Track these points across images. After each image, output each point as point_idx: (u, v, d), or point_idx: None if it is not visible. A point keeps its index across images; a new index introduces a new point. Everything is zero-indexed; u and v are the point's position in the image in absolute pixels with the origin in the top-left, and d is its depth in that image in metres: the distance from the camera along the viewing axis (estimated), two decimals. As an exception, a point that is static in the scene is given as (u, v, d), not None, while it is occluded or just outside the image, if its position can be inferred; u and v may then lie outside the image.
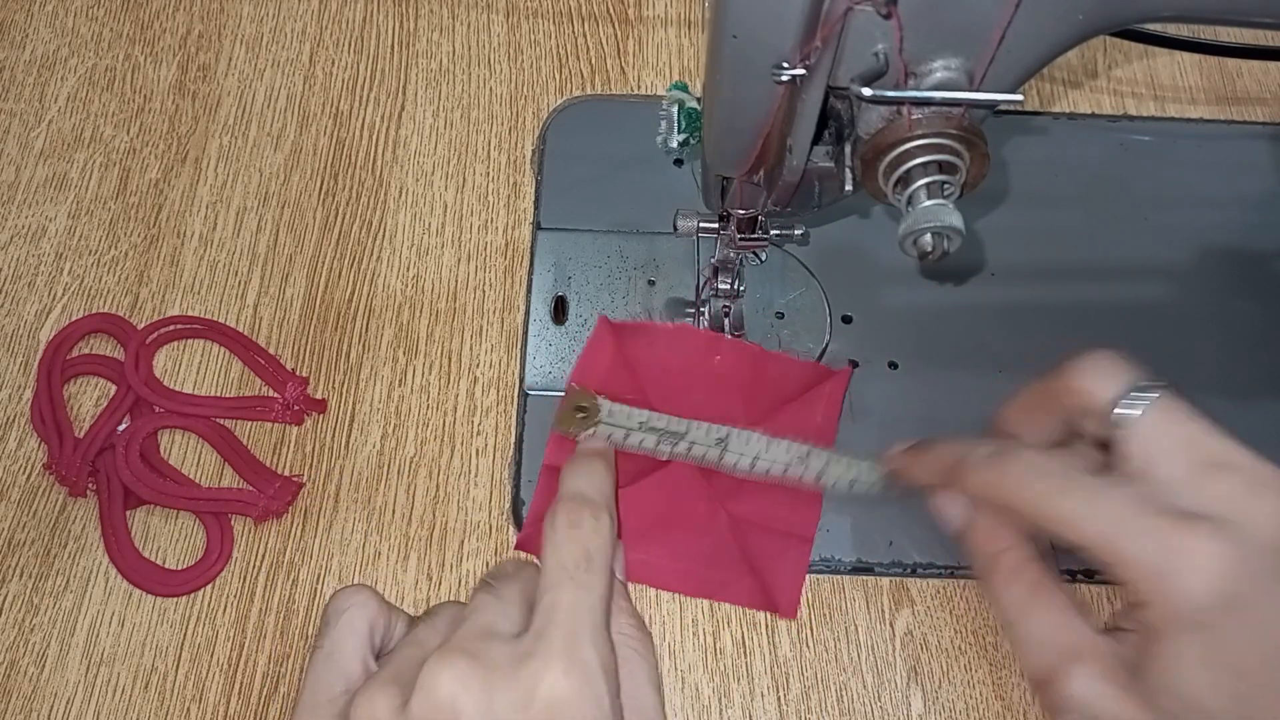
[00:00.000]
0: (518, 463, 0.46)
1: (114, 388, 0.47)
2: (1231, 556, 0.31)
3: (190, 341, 0.49)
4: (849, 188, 0.36)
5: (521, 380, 0.48)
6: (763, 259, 0.46)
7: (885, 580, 0.45)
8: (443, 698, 0.32)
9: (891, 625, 0.44)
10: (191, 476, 0.46)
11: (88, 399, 0.48)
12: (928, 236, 0.32)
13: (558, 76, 0.56)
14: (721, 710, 0.42)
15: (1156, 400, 0.34)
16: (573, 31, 0.58)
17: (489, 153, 0.54)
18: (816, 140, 0.34)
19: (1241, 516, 0.32)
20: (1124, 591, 0.33)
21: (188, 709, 0.42)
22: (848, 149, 0.35)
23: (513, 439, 0.47)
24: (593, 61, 0.57)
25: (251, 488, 0.45)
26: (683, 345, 0.46)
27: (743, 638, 0.43)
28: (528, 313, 0.49)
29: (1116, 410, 0.34)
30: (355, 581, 0.44)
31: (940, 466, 0.39)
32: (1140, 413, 0.34)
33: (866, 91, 0.30)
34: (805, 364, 0.47)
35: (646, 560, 0.44)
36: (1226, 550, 0.31)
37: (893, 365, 0.48)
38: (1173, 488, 0.33)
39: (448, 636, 0.35)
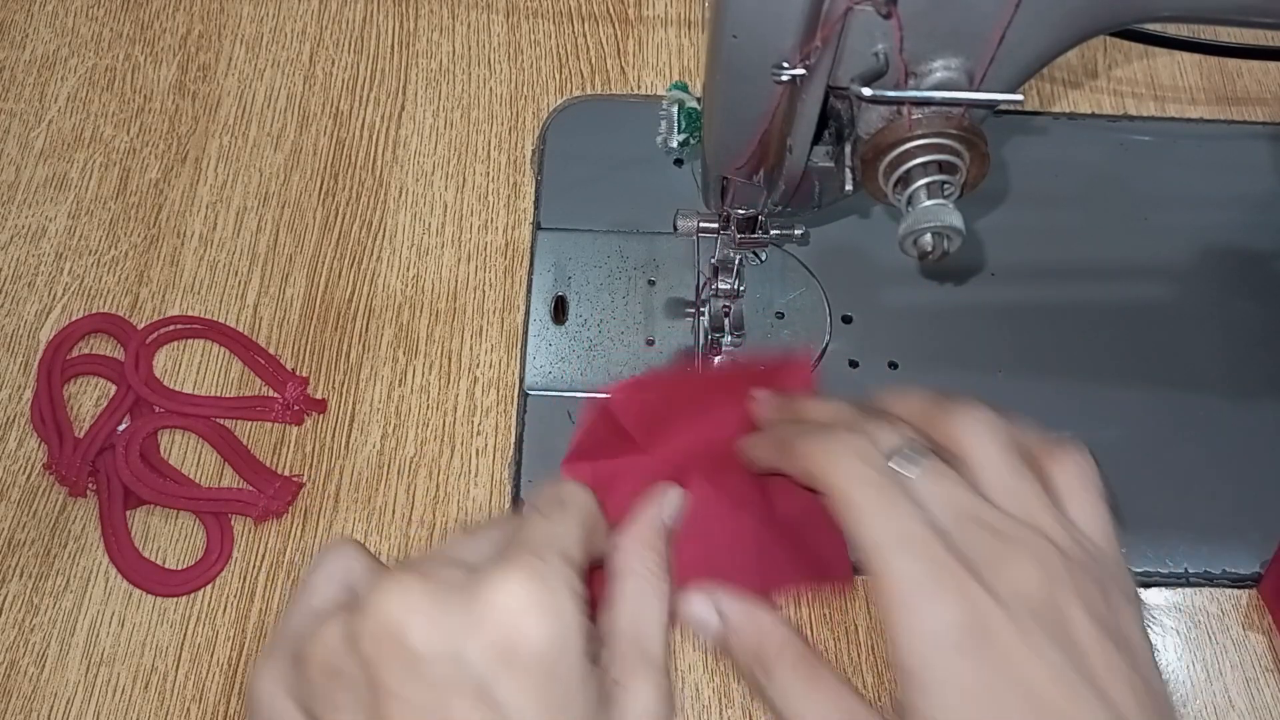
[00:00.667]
0: (518, 463, 0.46)
1: (114, 388, 0.47)
2: (981, 598, 0.31)
3: (190, 341, 0.49)
4: (849, 188, 0.36)
5: (521, 380, 0.48)
6: (763, 259, 0.46)
7: (885, 580, 0.44)
8: (387, 618, 0.29)
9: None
10: (191, 476, 0.46)
11: (88, 399, 0.48)
12: (928, 236, 0.32)
13: (558, 76, 0.56)
14: (721, 710, 0.42)
15: (912, 457, 0.33)
16: (573, 31, 0.58)
17: (489, 153, 0.54)
18: (816, 140, 0.34)
19: (989, 568, 0.31)
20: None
21: (188, 709, 0.42)
22: (848, 149, 0.35)
23: (513, 439, 0.47)
24: (593, 61, 0.57)
25: (251, 488, 0.45)
26: (679, 392, 0.45)
27: (743, 638, 0.43)
28: (528, 313, 0.49)
29: (891, 464, 0.33)
30: (355, 581, 0.44)
31: (770, 445, 0.38)
32: (913, 477, 0.33)
33: (866, 91, 0.30)
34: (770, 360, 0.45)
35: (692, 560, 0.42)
36: (971, 601, 0.30)
37: (893, 365, 0.48)
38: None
39: None
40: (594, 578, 0.38)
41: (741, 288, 0.46)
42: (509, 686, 0.30)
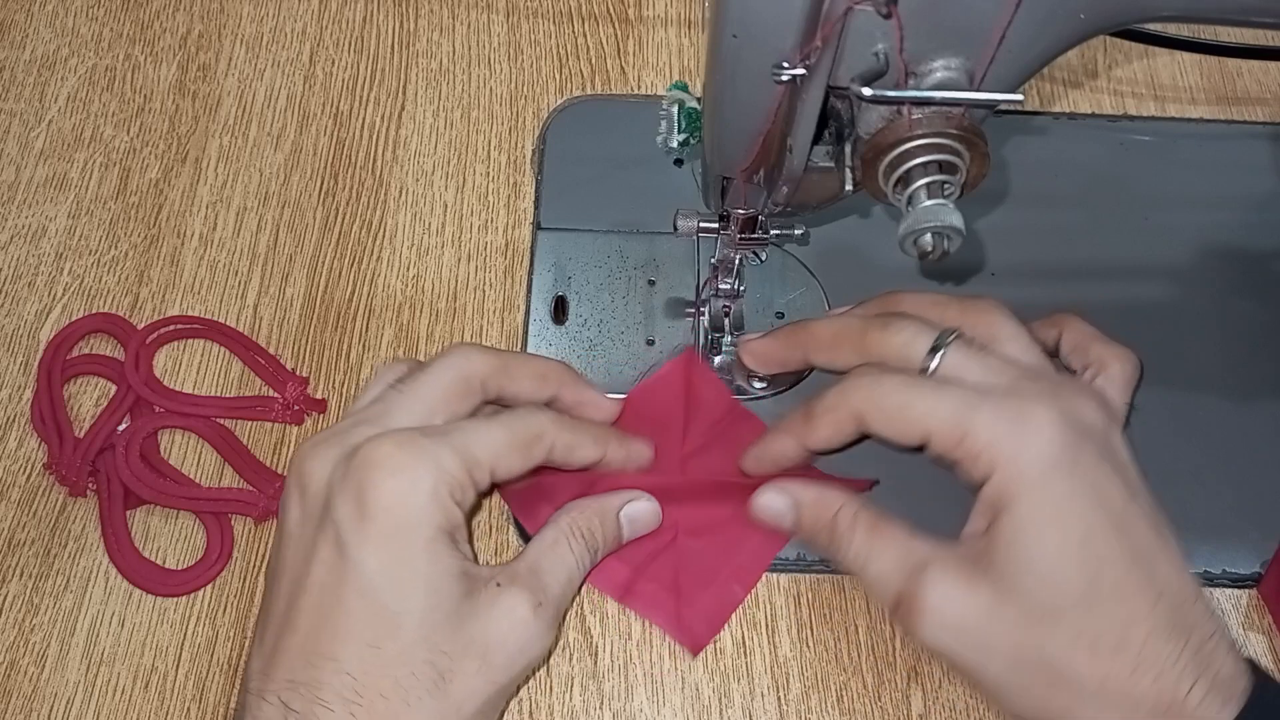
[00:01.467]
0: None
1: (114, 388, 0.47)
2: (1066, 426, 0.35)
3: (190, 341, 0.49)
4: (849, 188, 0.36)
5: (521, 380, 0.48)
6: (763, 259, 0.46)
7: (885, 580, 0.45)
8: (298, 466, 0.37)
9: (891, 625, 0.44)
10: (191, 476, 0.46)
11: (88, 399, 0.48)
12: (928, 236, 0.32)
13: (558, 76, 0.56)
14: (721, 710, 0.42)
15: (955, 341, 0.38)
16: (573, 31, 0.58)
17: (489, 153, 0.54)
18: (817, 140, 0.34)
19: (1065, 410, 0.36)
20: (970, 476, 0.36)
21: (188, 709, 0.42)
22: (848, 149, 0.35)
23: (513, 439, 0.47)
24: (593, 61, 0.57)
25: (251, 488, 0.45)
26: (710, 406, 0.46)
27: (743, 638, 0.43)
28: (528, 313, 0.49)
29: (942, 345, 0.38)
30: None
31: (800, 414, 0.40)
32: (943, 353, 0.38)
33: (867, 91, 0.30)
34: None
35: None
36: (1063, 419, 0.35)
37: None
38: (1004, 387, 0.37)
39: None
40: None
41: (741, 288, 0.46)
42: (356, 536, 0.34)
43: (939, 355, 0.37)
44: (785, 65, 0.30)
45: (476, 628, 0.35)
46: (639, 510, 0.42)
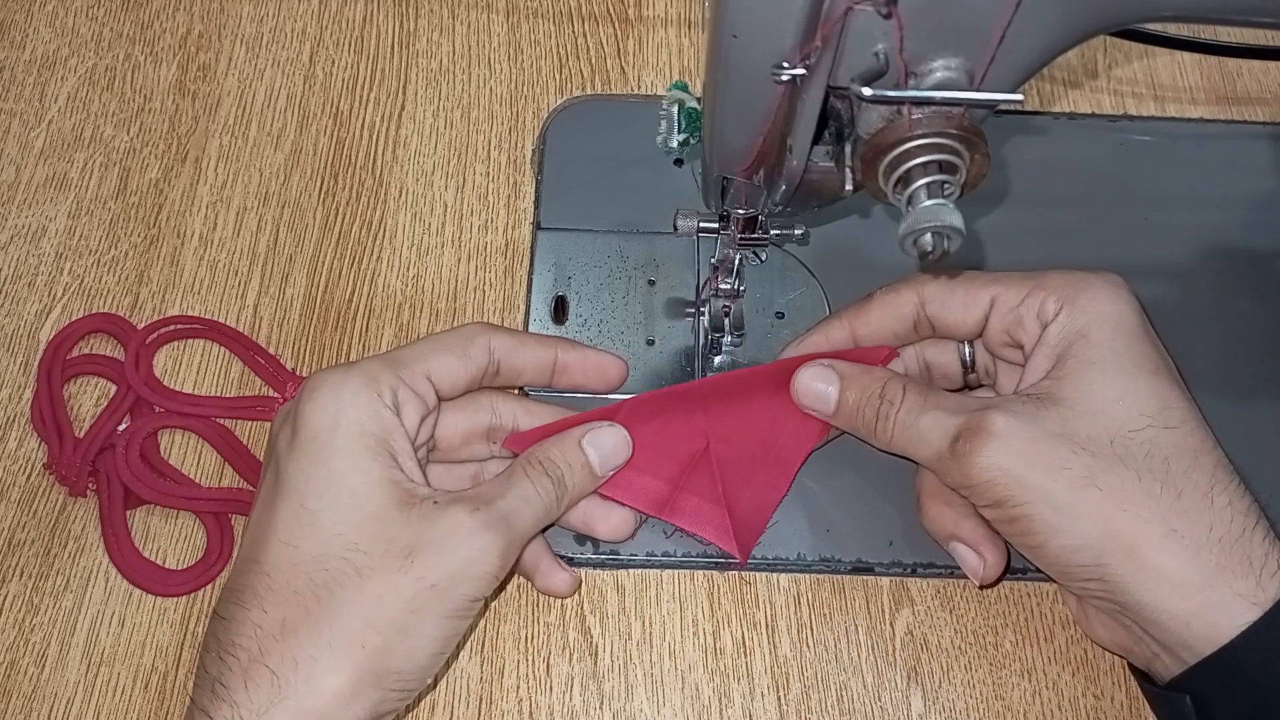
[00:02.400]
0: (518, 463, 0.46)
1: (114, 388, 0.47)
2: (1130, 291, 0.39)
3: (190, 341, 0.49)
4: (849, 187, 0.36)
5: (521, 380, 0.48)
6: (763, 259, 0.46)
7: (885, 580, 0.45)
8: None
9: (891, 625, 0.44)
10: (191, 476, 0.46)
11: (88, 399, 0.48)
12: (928, 236, 0.32)
13: (558, 76, 0.56)
14: (721, 710, 0.42)
15: None
16: (573, 31, 0.58)
17: (489, 153, 0.54)
18: (817, 140, 0.34)
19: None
20: (1031, 348, 0.39)
21: (188, 709, 0.42)
22: (848, 149, 0.35)
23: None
24: (593, 61, 0.57)
25: (252, 488, 0.45)
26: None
27: (743, 638, 0.43)
28: (528, 313, 0.49)
29: None
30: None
31: (839, 330, 0.43)
32: None
33: (867, 91, 0.30)
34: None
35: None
36: (1126, 286, 0.39)
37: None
38: None
39: None
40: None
41: (741, 288, 0.46)
42: (286, 452, 0.36)
43: None
44: (785, 65, 0.30)
45: (403, 532, 0.35)
46: (603, 437, 0.41)
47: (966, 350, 0.43)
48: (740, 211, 0.41)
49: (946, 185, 0.32)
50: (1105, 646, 0.41)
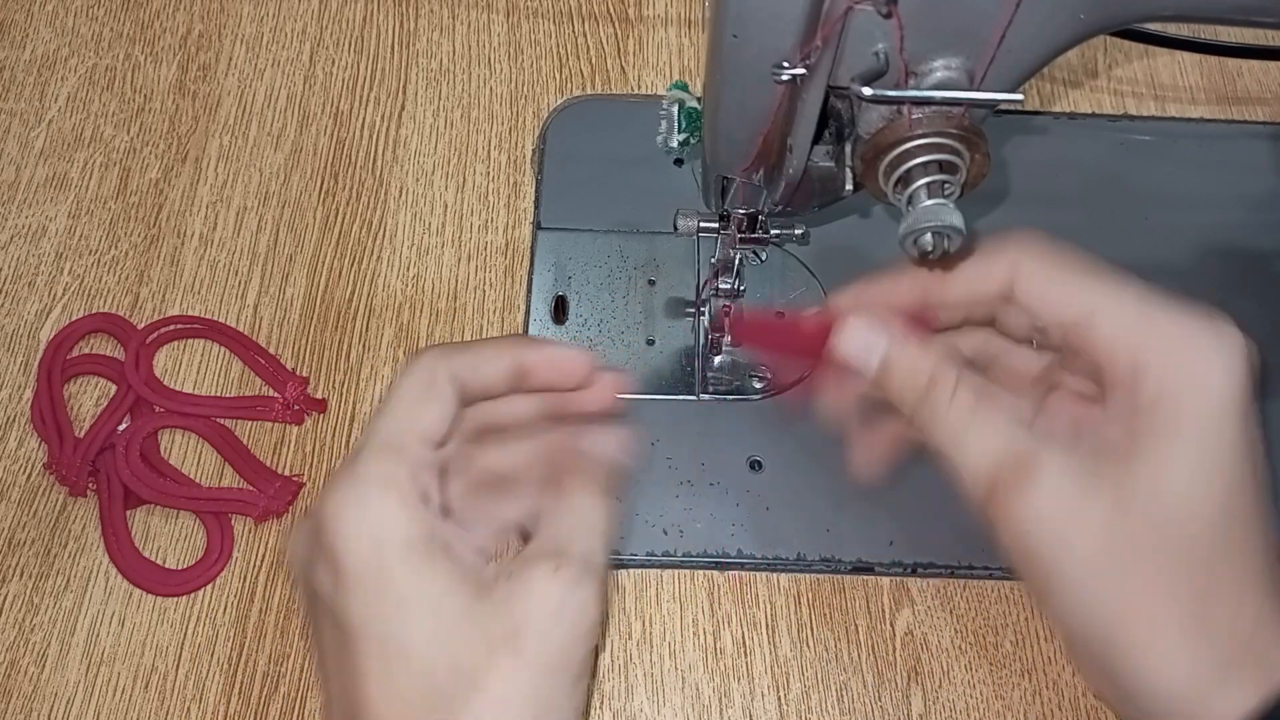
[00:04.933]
0: (518, 462, 0.46)
1: (114, 387, 0.47)
2: (1248, 360, 0.32)
3: (190, 341, 0.49)
4: (849, 187, 0.36)
5: (521, 380, 0.48)
6: (763, 259, 0.46)
7: (885, 580, 0.45)
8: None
9: (891, 625, 0.44)
10: (191, 476, 0.46)
11: (88, 399, 0.48)
12: (928, 236, 0.32)
13: (558, 76, 0.56)
14: (722, 710, 0.42)
15: None
16: (573, 31, 0.58)
17: (489, 152, 0.54)
18: (817, 140, 0.34)
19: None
20: (1115, 388, 0.33)
21: (188, 709, 0.42)
22: (848, 148, 0.35)
23: (513, 439, 0.47)
24: (593, 61, 0.57)
25: (252, 488, 0.45)
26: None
27: (743, 637, 0.43)
28: (528, 313, 0.49)
29: None
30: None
31: (911, 283, 0.37)
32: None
33: (867, 91, 0.30)
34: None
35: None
36: (1248, 351, 0.32)
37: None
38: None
39: None
40: None
41: (742, 287, 0.46)
42: (339, 598, 0.31)
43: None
44: (785, 65, 0.30)
45: (496, 621, 0.32)
46: (608, 438, 0.37)
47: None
48: (740, 211, 0.41)
49: (947, 185, 0.32)
50: (1090, 690, 0.40)
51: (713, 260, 0.46)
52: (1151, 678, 0.32)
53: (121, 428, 0.46)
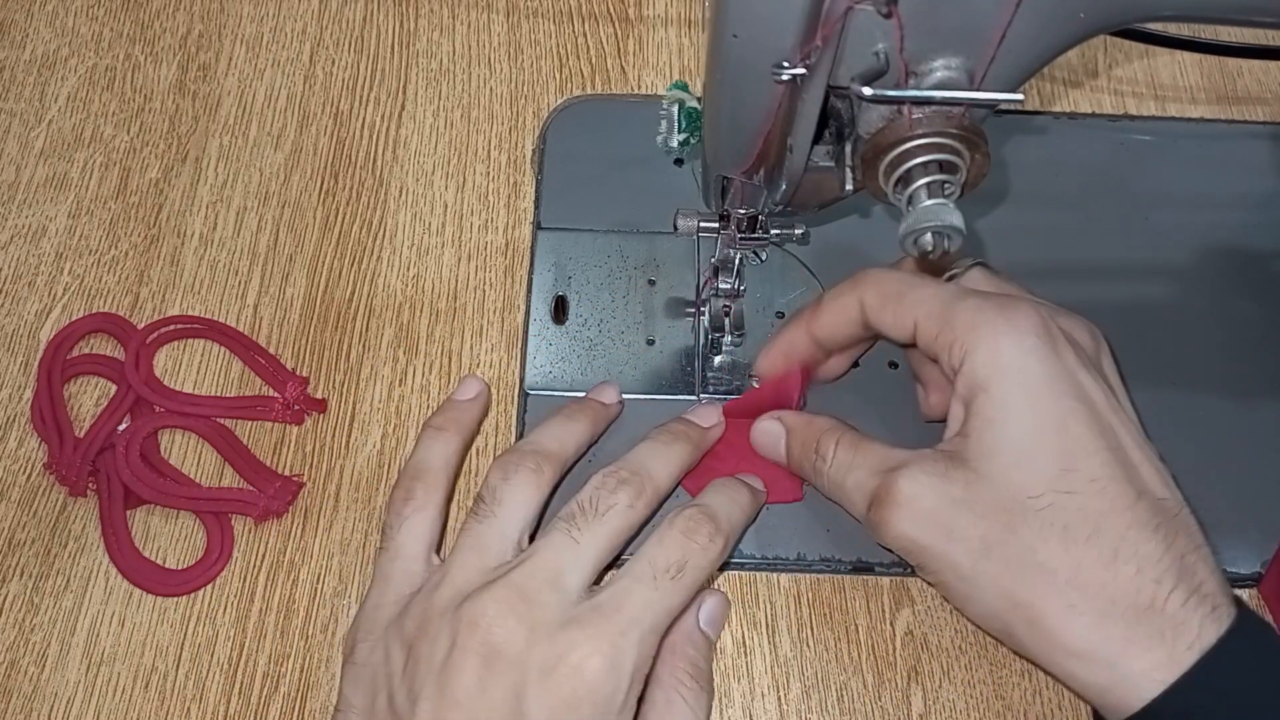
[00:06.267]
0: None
1: (114, 387, 0.47)
2: (1049, 324, 0.36)
3: (190, 341, 0.49)
4: (849, 187, 0.36)
5: (522, 380, 0.48)
6: (763, 259, 0.46)
7: (885, 580, 0.45)
8: (485, 625, 0.34)
9: (892, 625, 0.44)
10: (192, 476, 0.46)
11: (88, 399, 0.48)
12: (928, 236, 0.32)
13: (558, 76, 0.56)
14: (722, 710, 0.42)
15: (974, 268, 0.41)
16: (573, 31, 0.58)
17: (489, 152, 0.54)
18: (817, 140, 0.34)
19: (1051, 312, 0.37)
20: (948, 366, 0.37)
21: (188, 709, 0.42)
22: (848, 148, 0.35)
23: (513, 438, 0.47)
24: (593, 61, 0.57)
25: (252, 488, 0.45)
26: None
27: (743, 637, 0.43)
28: (528, 312, 0.49)
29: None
30: (356, 581, 0.44)
31: (799, 334, 0.43)
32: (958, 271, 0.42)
33: (867, 91, 0.30)
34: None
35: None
36: (1047, 319, 0.36)
37: (893, 365, 0.48)
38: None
39: (515, 560, 0.36)
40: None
41: (742, 287, 0.46)
42: None
43: (962, 270, 0.40)
44: (785, 65, 0.30)
45: None
46: (714, 607, 0.41)
47: None
48: (740, 211, 0.41)
49: (947, 185, 0.32)
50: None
51: (713, 260, 0.46)
52: (1055, 647, 0.34)
53: (121, 428, 0.46)
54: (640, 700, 0.36)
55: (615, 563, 0.39)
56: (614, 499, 0.37)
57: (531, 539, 0.38)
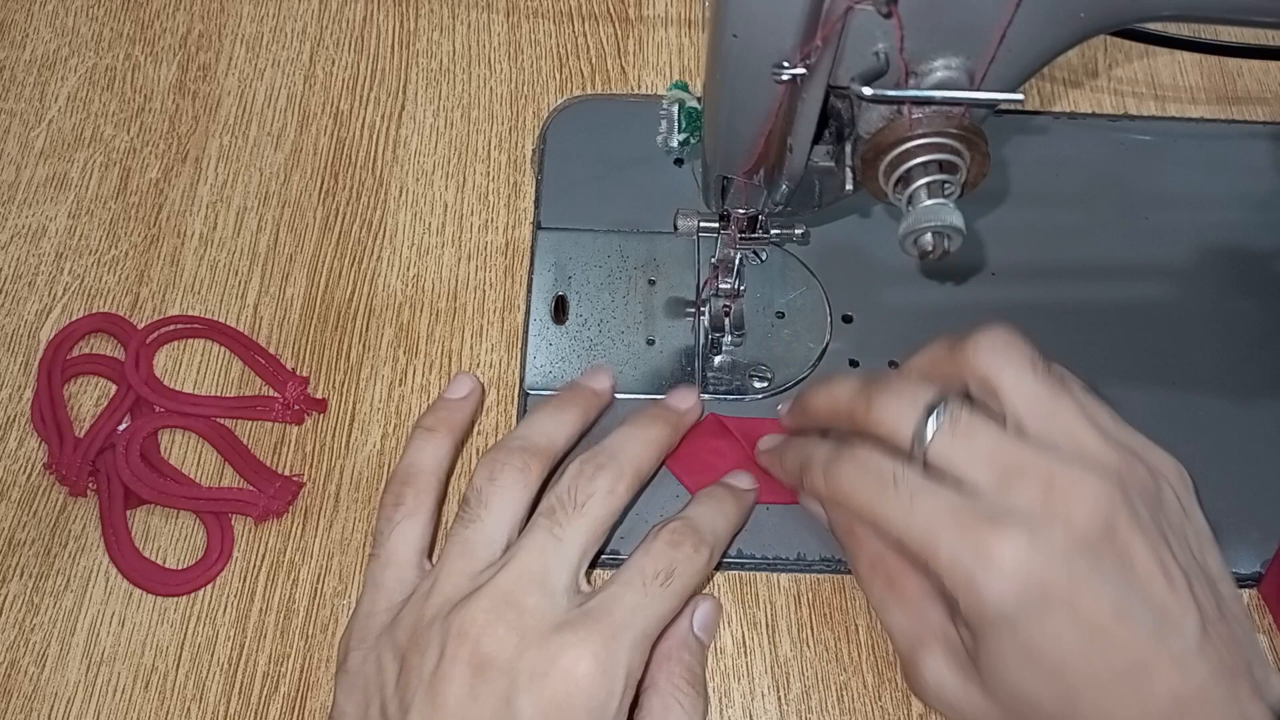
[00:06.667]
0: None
1: (114, 387, 0.47)
2: (1034, 559, 0.32)
3: (190, 341, 0.49)
4: (849, 187, 0.36)
5: (522, 380, 0.48)
6: (763, 259, 0.46)
7: (885, 580, 0.45)
8: (474, 634, 0.34)
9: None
10: (192, 476, 0.46)
11: (88, 399, 0.48)
12: (928, 236, 0.32)
13: (558, 76, 0.56)
14: (722, 710, 0.42)
15: (943, 420, 0.35)
16: (573, 31, 0.58)
17: (489, 152, 0.54)
18: (817, 140, 0.34)
19: (1041, 520, 0.33)
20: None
21: (188, 709, 0.42)
22: (848, 148, 0.35)
23: (513, 439, 0.47)
24: (593, 61, 0.57)
25: (252, 487, 0.45)
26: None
27: (743, 637, 0.43)
28: (528, 312, 0.49)
29: (924, 432, 0.35)
30: (356, 580, 0.44)
31: (792, 468, 0.41)
32: (930, 435, 0.35)
33: (867, 91, 0.30)
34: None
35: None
36: (1029, 554, 0.32)
37: (893, 365, 0.48)
38: (986, 493, 0.34)
39: (500, 562, 0.36)
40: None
41: (742, 287, 0.46)
42: None
43: (927, 439, 0.35)
44: (785, 65, 0.30)
45: None
46: (707, 612, 0.41)
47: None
48: (740, 211, 0.41)
49: (947, 185, 0.32)
50: None
51: (713, 260, 0.46)
52: None
53: (121, 428, 0.46)
54: (634, 708, 0.36)
55: (600, 553, 0.39)
56: (592, 486, 0.38)
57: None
